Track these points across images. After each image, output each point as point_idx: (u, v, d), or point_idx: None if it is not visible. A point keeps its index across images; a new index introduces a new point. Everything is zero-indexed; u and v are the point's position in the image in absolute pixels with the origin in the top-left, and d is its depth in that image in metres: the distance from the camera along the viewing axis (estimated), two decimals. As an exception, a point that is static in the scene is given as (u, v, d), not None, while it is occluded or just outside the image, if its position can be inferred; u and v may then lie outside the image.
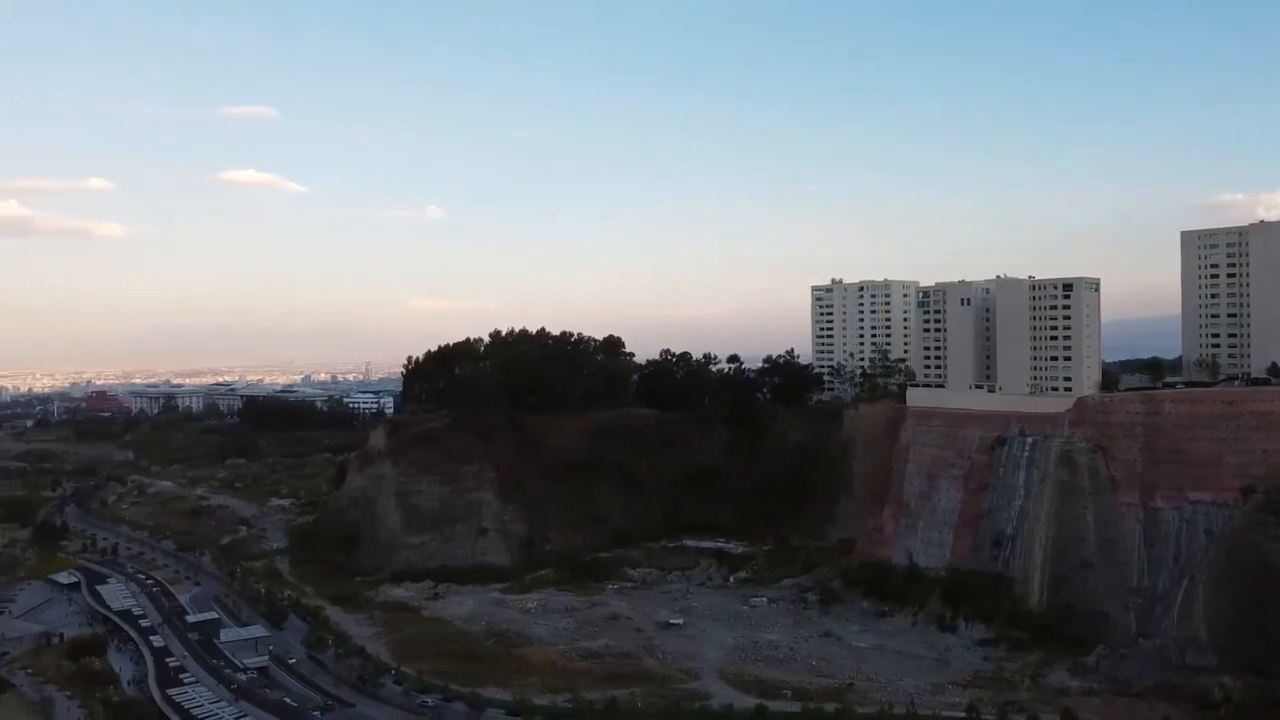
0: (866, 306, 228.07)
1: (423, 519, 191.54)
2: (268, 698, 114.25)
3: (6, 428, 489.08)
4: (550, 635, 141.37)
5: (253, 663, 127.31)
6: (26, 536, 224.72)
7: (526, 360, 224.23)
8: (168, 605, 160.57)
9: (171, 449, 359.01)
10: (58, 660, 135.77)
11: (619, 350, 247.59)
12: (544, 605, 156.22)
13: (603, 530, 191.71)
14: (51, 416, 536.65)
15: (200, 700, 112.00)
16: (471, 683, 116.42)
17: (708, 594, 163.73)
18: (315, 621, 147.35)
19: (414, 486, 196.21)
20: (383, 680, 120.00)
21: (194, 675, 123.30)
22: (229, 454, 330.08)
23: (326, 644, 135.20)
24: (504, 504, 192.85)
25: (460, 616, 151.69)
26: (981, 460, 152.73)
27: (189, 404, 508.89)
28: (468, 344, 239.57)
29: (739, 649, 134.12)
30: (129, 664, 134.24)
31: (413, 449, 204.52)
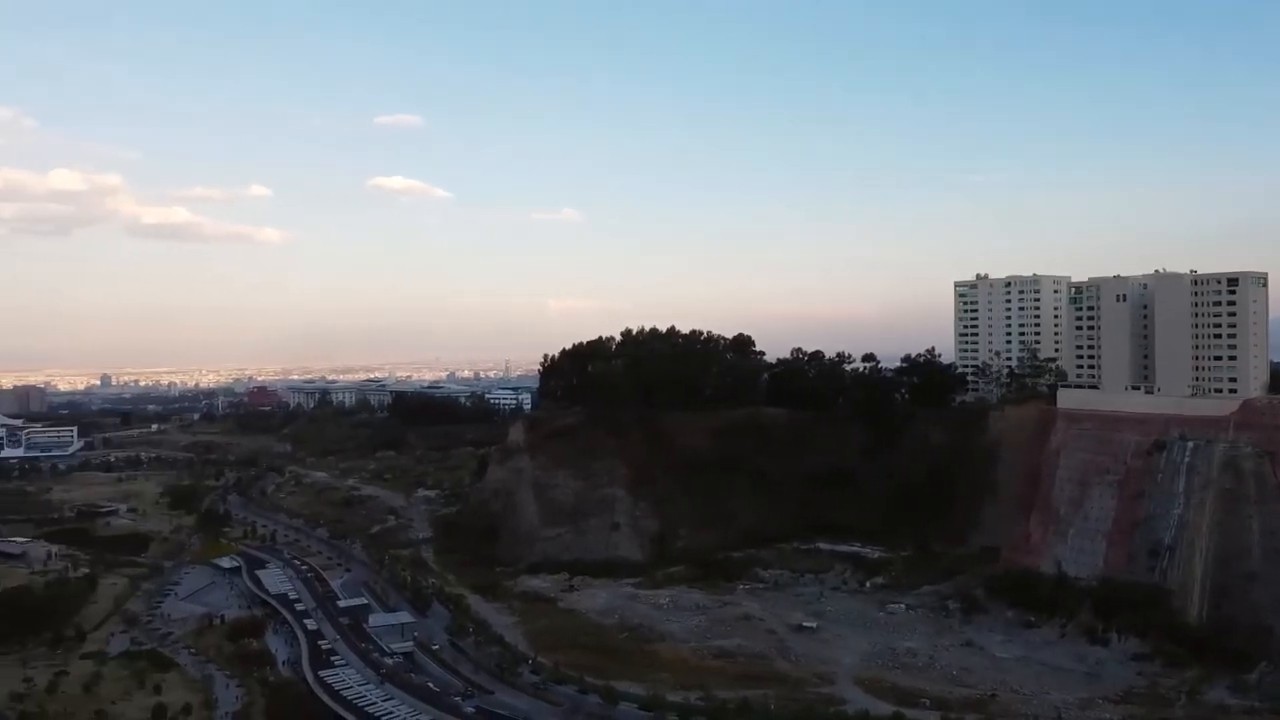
0: (1014, 303, 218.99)
1: (558, 512, 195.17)
2: (412, 681, 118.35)
3: (175, 421, 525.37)
4: (682, 632, 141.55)
5: (399, 647, 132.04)
6: (192, 523, 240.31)
7: (656, 358, 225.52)
8: (321, 590, 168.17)
9: (326, 441, 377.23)
10: (219, 640, 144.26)
11: (748, 349, 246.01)
12: (675, 602, 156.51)
13: (733, 529, 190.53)
14: (216, 410, 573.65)
15: (350, 682, 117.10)
16: (605, 676, 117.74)
17: (842, 598, 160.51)
18: (457, 609, 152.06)
19: (550, 480, 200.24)
20: (520, 669, 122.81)
21: (344, 658, 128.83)
22: (379, 447, 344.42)
23: (467, 631, 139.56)
24: (635, 500, 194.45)
25: (594, 609, 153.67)
26: (1138, 466, 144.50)
27: (342, 399, 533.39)
28: (600, 342, 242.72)
29: (875, 655, 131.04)
30: (284, 646, 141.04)
31: (549, 444, 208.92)
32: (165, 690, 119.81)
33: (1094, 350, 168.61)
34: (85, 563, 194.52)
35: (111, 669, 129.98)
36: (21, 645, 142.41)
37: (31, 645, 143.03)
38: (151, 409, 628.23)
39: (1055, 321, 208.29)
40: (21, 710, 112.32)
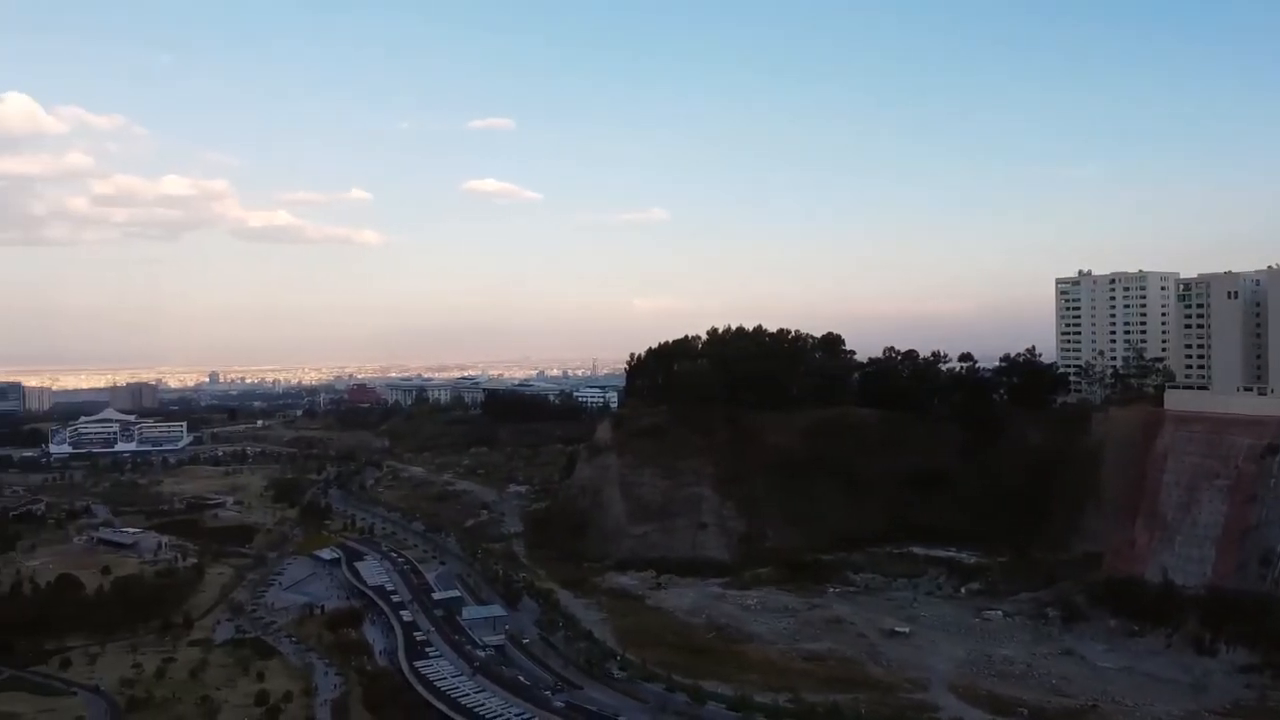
0: (1119, 300, 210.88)
1: (645, 510, 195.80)
2: (504, 674, 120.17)
3: (279, 417, 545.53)
4: (770, 634, 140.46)
5: (491, 640, 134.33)
6: (295, 515, 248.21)
7: (743, 357, 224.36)
8: (416, 582, 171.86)
9: (421, 437, 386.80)
10: (319, 630, 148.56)
11: (838, 348, 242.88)
12: (764, 603, 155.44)
13: (822, 531, 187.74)
14: (318, 407, 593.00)
15: (444, 673, 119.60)
16: (692, 675, 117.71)
17: (936, 604, 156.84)
18: (547, 604, 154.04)
19: (637, 479, 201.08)
20: (608, 665, 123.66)
21: (438, 649, 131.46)
22: (472, 443, 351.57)
23: (557, 626, 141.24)
24: (722, 499, 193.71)
25: (681, 608, 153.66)
26: (1250, 470, 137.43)
27: (437, 396, 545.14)
28: (685, 341, 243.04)
29: (970, 662, 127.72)
30: (381, 636, 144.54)
31: (635, 442, 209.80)
32: (268, 677, 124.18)
33: (1203, 350, 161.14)
34: (193, 553, 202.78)
35: (217, 656, 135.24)
36: (132, 632, 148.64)
37: (142, 632, 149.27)
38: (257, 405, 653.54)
39: (1162, 320, 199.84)
40: (130, 695, 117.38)
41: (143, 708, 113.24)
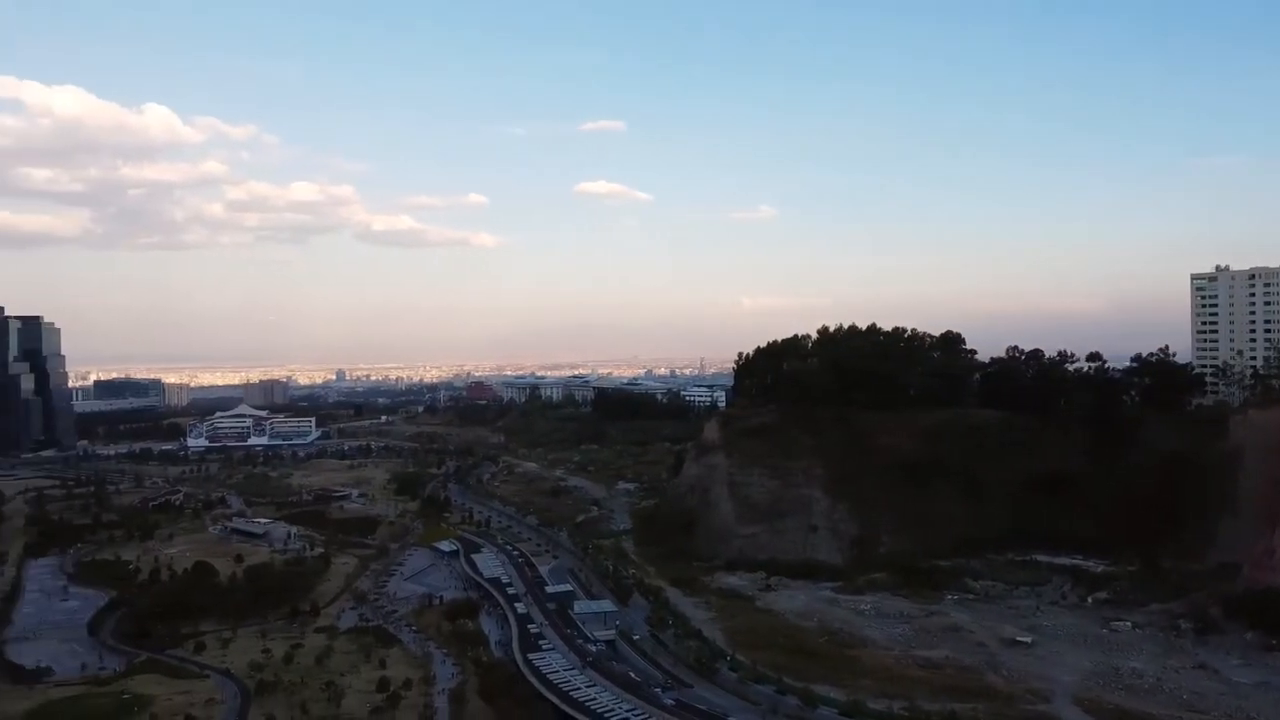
0: (1259, 297, 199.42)
1: (754, 511, 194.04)
2: (614, 670, 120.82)
3: (401, 413, 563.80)
4: (885, 639, 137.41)
5: (602, 635, 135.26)
6: (416, 508, 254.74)
7: (856, 356, 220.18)
8: (530, 576, 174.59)
9: (535, 434, 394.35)
10: (437, 620, 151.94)
11: (957, 347, 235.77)
12: (878, 608, 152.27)
13: (939, 536, 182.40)
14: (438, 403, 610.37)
15: (556, 667, 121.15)
16: (803, 678, 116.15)
17: (1060, 613, 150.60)
18: (656, 602, 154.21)
19: (745, 479, 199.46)
20: (718, 665, 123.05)
21: (551, 642, 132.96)
22: (582, 440, 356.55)
23: (667, 624, 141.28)
24: (833, 502, 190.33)
25: (792, 611, 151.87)
26: None
27: (550, 394, 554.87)
28: (796, 340, 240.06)
29: (1096, 675, 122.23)
30: (496, 627, 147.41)
31: (744, 442, 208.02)
32: (389, 665, 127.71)
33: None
34: (320, 543, 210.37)
35: (341, 643, 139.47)
36: (262, 618, 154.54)
37: (271, 618, 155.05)
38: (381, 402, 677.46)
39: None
40: (259, 679, 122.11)
41: (271, 691, 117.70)
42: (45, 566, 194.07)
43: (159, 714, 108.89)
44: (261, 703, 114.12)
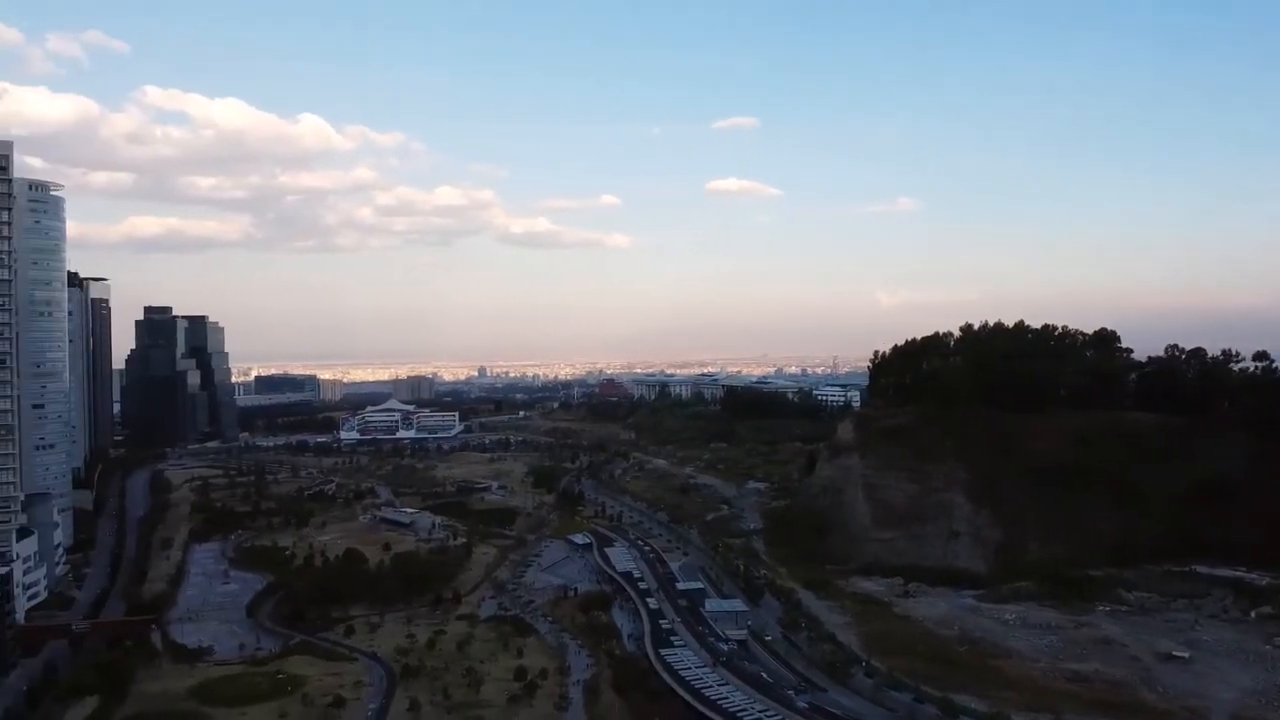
0: None
1: (890, 515, 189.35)
2: (746, 670, 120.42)
3: (538, 409, 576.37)
4: (1030, 651, 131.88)
5: (733, 634, 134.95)
6: (551, 501, 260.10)
7: (1002, 355, 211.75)
8: (661, 571, 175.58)
9: (664, 431, 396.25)
10: (572, 611, 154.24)
11: (1111, 345, 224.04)
12: (1023, 619, 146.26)
13: (1090, 544, 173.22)
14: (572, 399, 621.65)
15: (688, 663, 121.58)
16: (943, 687, 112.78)
17: (1220, 628, 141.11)
18: (789, 603, 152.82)
19: (881, 481, 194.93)
20: (853, 670, 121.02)
21: (683, 639, 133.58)
22: (711, 438, 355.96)
23: (799, 626, 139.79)
24: (976, 507, 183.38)
25: (931, 618, 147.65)
26: None
27: (679, 392, 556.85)
28: (936, 338, 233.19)
29: (1259, 693, 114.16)
30: (629, 621, 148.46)
31: (880, 443, 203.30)
32: (526, 654, 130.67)
33: None
34: (463, 533, 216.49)
35: (481, 631, 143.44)
36: (407, 604, 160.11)
37: (416, 605, 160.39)
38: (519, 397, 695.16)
39: None
40: (404, 663, 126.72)
41: (415, 675, 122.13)
42: (208, 551, 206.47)
43: (311, 694, 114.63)
44: (406, 686, 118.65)
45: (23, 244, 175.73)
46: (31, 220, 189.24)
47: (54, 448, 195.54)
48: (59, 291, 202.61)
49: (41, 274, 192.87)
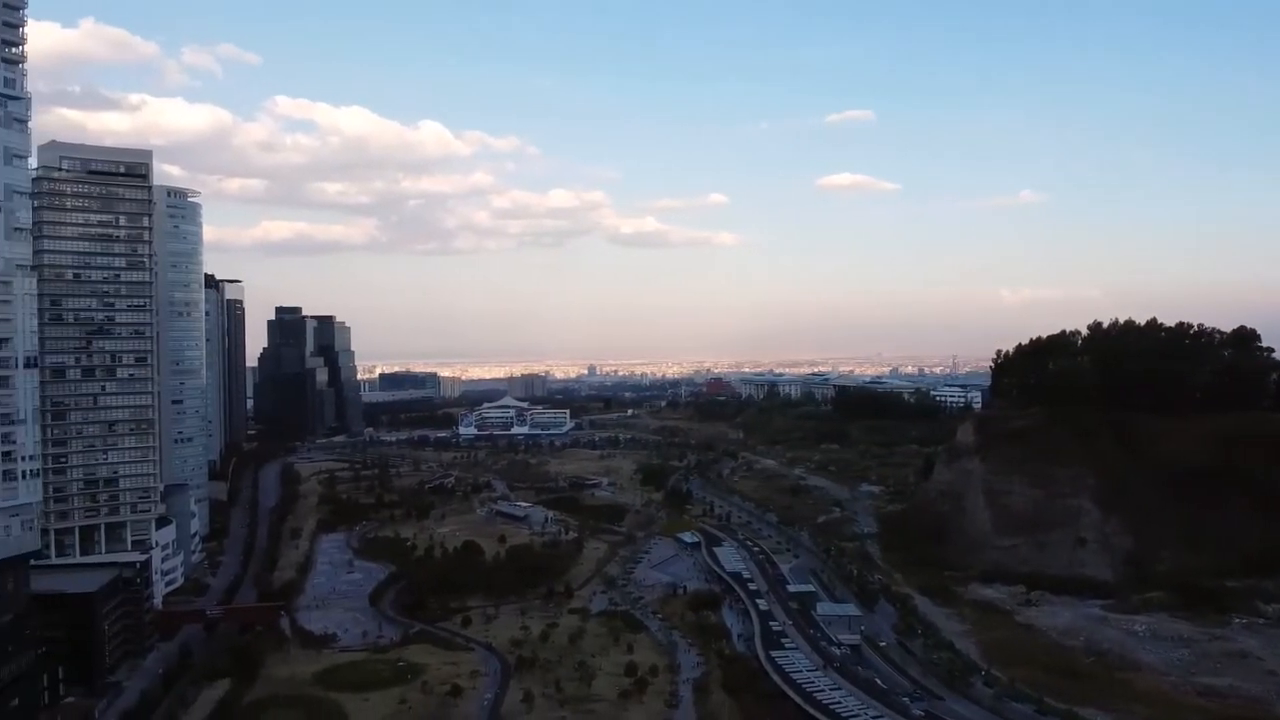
0: None
1: (1013, 521, 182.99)
2: (859, 675, 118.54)
3: (646, 407, 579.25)
4: (1161, 664, 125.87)
5: (846, 639, 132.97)
6: (660, 499, 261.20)
7: (1132, 355, 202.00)
8: (771, 573, 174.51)
9: (773, 431, 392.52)
10: (681, 609, 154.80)
11: (1251, 344, 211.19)
12: (1154, 630, 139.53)
13: (1227, 553, 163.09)
14: (679, 398, 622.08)
15: (799, 666, 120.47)
16: (1066, 699, 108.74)
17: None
18: (904, 609, 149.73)
19: (1003, 486, 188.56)
20: (972, 679, 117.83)
21: (793, 641, 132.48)
22: (822, 439, 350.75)
23: (915, 633, 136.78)
24: (1105, 514, 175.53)
25: (1055, 628, 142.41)
26: None
27: (788, 391, 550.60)
28: (1063, 336, 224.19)
29: None
30: (738, 622, 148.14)
31: (1002, 446, 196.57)
32: (636, 650, 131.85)
33: None
34: (574, 528, 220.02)
35: (593, 625, 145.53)
36: (521, 597, 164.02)
37: (529, 597, 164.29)
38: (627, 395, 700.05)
39: None
40: (519, 655, 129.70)
41: (529, 667, 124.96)
42: (334, 541, 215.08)
43: (430, 682, 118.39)
44: (520, 677, 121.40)
45: (162, 248, 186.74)
46: (171, 225, 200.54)
47: (191, 441, 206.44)
48: (197, 293, 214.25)
49: (180, 276, 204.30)
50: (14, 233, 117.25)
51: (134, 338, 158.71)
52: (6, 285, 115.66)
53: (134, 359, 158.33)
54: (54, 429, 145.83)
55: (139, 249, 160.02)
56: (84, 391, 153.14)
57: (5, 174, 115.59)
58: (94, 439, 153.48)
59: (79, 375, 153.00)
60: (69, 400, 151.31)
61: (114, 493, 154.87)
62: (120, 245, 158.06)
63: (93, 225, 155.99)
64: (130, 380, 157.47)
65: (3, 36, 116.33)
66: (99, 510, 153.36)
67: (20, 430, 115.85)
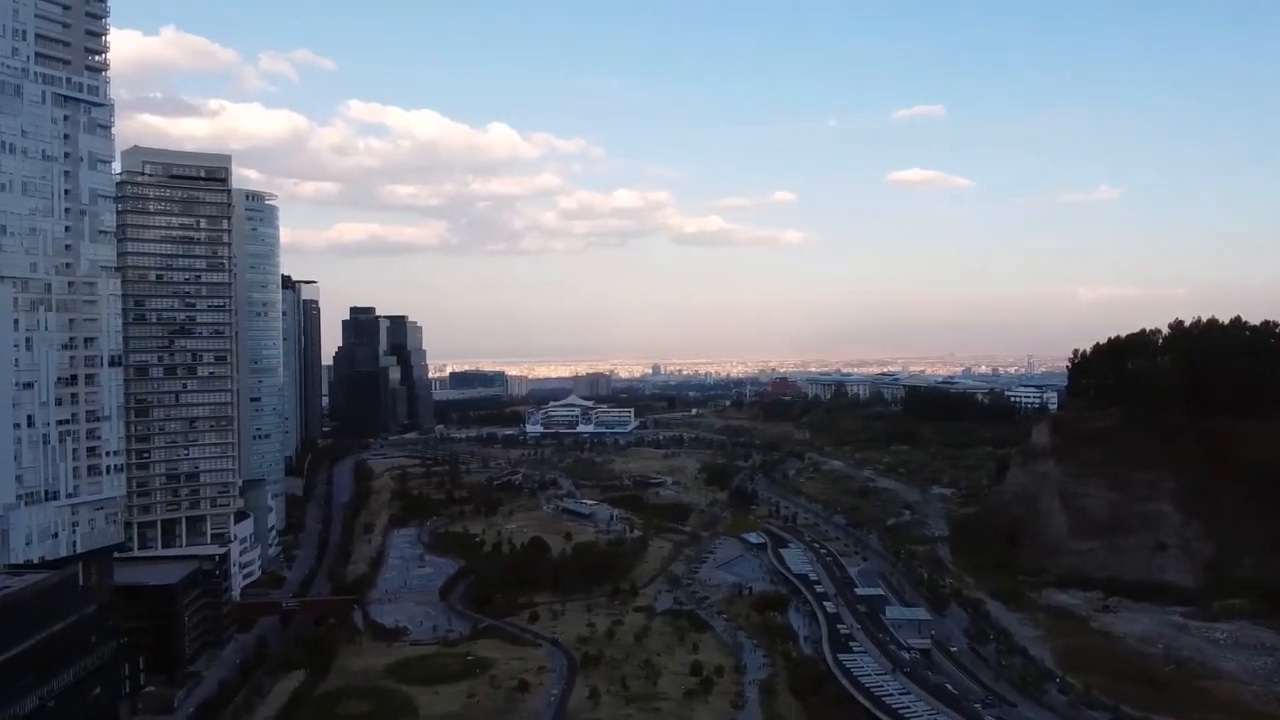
0: None
1: (1089, 525, 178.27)
2: (929, 680, 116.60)
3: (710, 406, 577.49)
4: (1242, 673, 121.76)
5: (916, 643, 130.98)
6: (724, 499, 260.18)
7: (1216, 354, 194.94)
8: (839, 575, 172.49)
9: (841, 432, 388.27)
10: (747, 610, 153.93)
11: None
12: (1236, 638, 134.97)
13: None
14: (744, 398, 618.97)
15: (868, 670, 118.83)
16: (1144, 708, 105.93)
17: None
18: (976, 614, 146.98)
19: (1080, 489, 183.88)
20: (1046, 686, 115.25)
21: (861, 645, 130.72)
22: (892, 440, 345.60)
23: (987, 638, 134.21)
24: (1186, 518, 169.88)
25: (1133, 635, 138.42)
26: None
27: (856, 391, 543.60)
28: (1142, 336, 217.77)
29: None
30: (805, 624, 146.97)
31: (1079, 449, 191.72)
32: (701, 650, 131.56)
33: None
34: (639, 526, 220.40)
35: (658, 624, 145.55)
36: (587, 594, 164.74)
37: (595, 594, 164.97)
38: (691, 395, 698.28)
39: None
40: (584, 652, 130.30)
41: (594, 664, 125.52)
42: (406, 536, 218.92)
43: (498, 677, 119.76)
44: (586, 674, 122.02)
45: (241, 250, 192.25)
46: (249, 228, 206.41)
47: (269, 437, 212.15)
48: (274, 293, 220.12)
49: (258, 277, 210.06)
50: (99, 235, 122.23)
51: (214, 337, 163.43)
52: (91, 286, 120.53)
53: (214, 357, 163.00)
54: (137, 425, 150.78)
55: (219, 251, 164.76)
56: (166, 389, 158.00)
57: (89, 179, 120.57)
58: (176, 435, 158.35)
59: (161, 373, 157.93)
60: (152, 398, 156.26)
61: (195, 487, 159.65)
62: (201, 247, 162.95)
63: (174, 228, 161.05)
64: (210, 378, 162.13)
65: (86, 45, 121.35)
66: (180, 504, 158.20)
67: (105, 426, 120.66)
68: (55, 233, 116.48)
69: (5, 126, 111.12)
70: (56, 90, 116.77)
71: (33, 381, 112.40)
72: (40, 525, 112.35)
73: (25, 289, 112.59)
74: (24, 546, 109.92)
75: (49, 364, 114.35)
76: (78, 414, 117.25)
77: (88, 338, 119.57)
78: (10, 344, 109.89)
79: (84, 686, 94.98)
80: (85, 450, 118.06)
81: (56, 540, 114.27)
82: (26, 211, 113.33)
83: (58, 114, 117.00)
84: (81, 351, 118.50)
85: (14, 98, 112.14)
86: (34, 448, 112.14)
